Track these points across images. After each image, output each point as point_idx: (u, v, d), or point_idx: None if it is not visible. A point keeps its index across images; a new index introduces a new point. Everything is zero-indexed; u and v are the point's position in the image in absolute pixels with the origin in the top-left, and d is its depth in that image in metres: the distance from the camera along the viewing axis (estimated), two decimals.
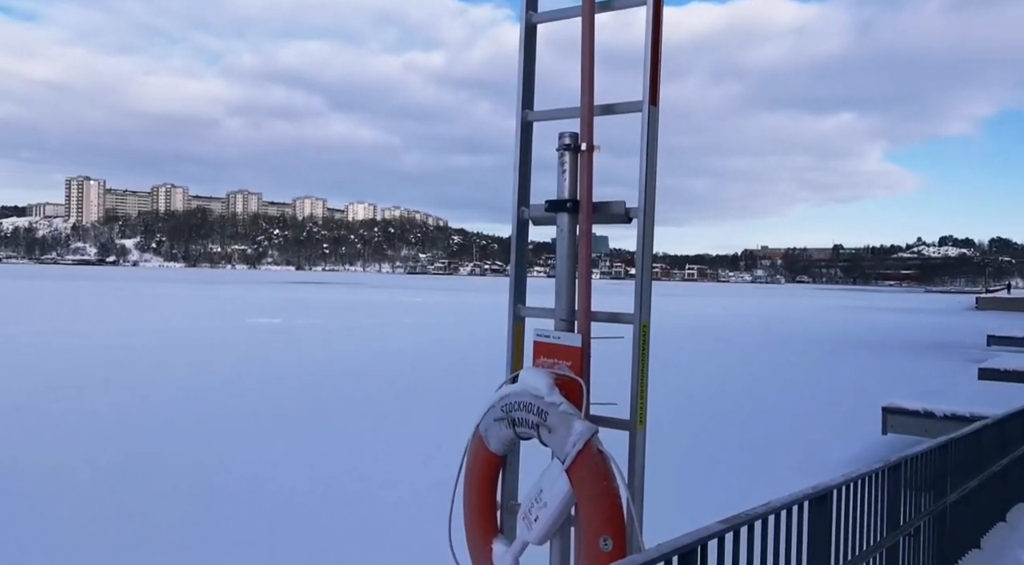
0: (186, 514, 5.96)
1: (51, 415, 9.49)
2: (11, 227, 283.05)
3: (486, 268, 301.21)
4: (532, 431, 2.50)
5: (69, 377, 12.67)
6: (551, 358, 2.63)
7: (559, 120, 2.85)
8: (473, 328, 26.93)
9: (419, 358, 17.12)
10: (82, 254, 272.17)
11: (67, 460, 7.42)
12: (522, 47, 2.90)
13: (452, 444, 7.25)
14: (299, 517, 5.90)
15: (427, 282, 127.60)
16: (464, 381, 13.24)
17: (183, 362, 15.17)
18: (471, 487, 2.72)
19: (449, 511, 2.79)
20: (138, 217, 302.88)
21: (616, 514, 2.27)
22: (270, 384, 12.53)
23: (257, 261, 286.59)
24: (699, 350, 20.87)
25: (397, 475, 7.20)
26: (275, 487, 6.71)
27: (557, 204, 2.67)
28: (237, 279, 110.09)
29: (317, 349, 18.44)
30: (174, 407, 10.31)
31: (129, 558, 5.08)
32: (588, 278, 2.64)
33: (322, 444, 8.39)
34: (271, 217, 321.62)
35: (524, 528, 2.50)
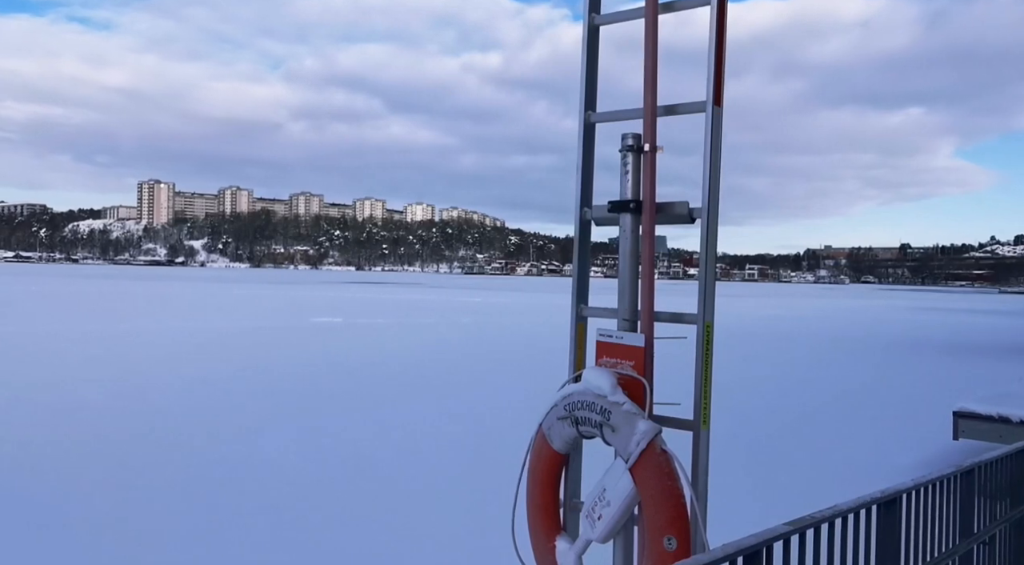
0: (265, 506, 6.14)
1: (131, 403, 9.90)
2: (87, 229, 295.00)
3: (543, 268, 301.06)
4: (595, 430, 2.52)
5: (140, 372, 13.16)
6: (614, 358, 2.65)
7: (621, 121, 2.86)
8: (531, 328, 26.98)
9: (478, 357, 17.25)
10: (153, 255, 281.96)
11: (136, 443, 7.73)
12: (584, 49, 2.92)
13: (513, 442, 7.30)
14: (339, 506, 6.02)
15: (484, 282, 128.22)
16: (523, 380, 13.29)
17: (252, 359, 15.60)
18: (534, 485, 2.75)
19: (512, 509, 2.84)
20: (205, 219, 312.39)
21: (680, 514, 2.27)
22: (334, 381, 12.79)
23: (319, 261, 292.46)
24: (761, 351, 20.51)
25: (458, 471, 7.28)
26: (325, 477, 6.86)
27: (620, 205, 2.68)
28: (300, 279, 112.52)
29: (378, 347, 18.74)
30: (243, 403, 10.62)
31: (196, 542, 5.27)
32: (651, 278, 2.65)
33: (381, 440, 8.54)
34: (332, 218, 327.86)
35: (587, 526, 2.52)
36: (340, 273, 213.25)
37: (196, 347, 17.69)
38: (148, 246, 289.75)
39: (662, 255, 2.81)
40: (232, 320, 27.17)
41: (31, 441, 8.08)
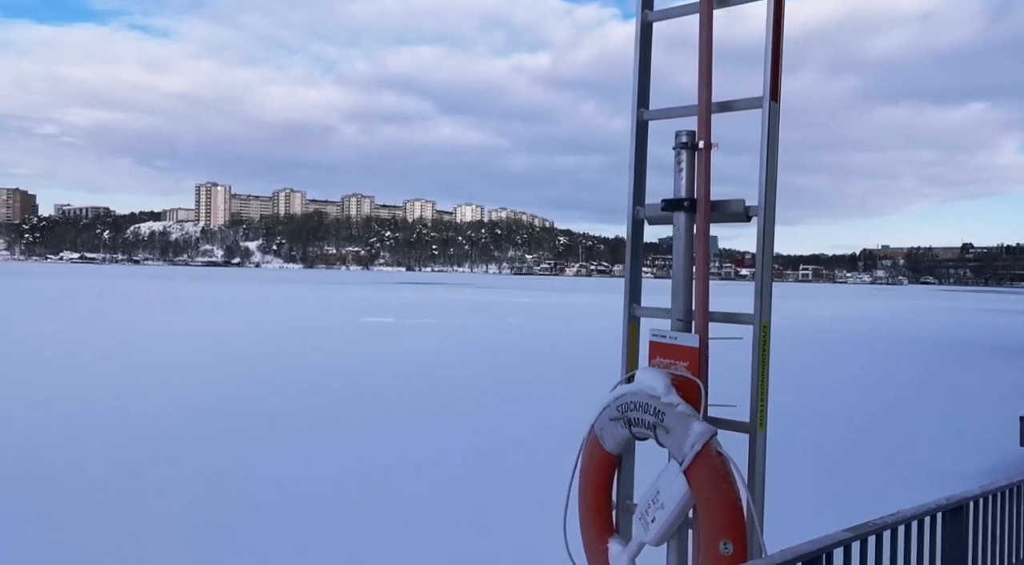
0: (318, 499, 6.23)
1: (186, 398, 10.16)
2: (148, 231, 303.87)
3: (592, 269, 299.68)
4: (648, 431, 2.48)
5: (204, 372, 13.47)
6: (667, 358, 2.61)
7: (673, 118, 2.83)
8: (581, 328, 26.87)
9: (526, 357, 17.24)
10: (210, 256, 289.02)
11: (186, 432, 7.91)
12: (637, 46, 2.89)
13: (563, 442, 7.25)
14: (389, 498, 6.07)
15: (533, 282, 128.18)
16: (573, 380, 13.24)
17: (307, 358, 15.86)
18: (586, 486, 2.73)
19: (564, 509, 2.82)
20: (260, 220, 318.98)
21: (736, 517, 2.23)
22: (384, 379, 12.92)
23: (370, 262, 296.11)
24: (818, 352, 20.05)
25: (507, 470, 7.28)
26: (383, 472, 6.92)
27: (674, 203, 2.65)
28: (351, 280, 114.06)
29: (428, 348, 18.87)
30: (294, 400, 10.79)
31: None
32: (706, 278, 2.60)
33: (431, 437, 8.59)
34: (383, 219, 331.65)
35: (641, 528, 2.49)
36: (391, 274, 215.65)
37: (254, 346, 18.06)
38: (205, 247, 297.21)
39: (713, 255, 2.75)
40: (288, 320, 27.68)
41: (88, 436, 8.34)
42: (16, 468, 6.88)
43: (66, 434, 8.37)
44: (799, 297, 74.76)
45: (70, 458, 7.35)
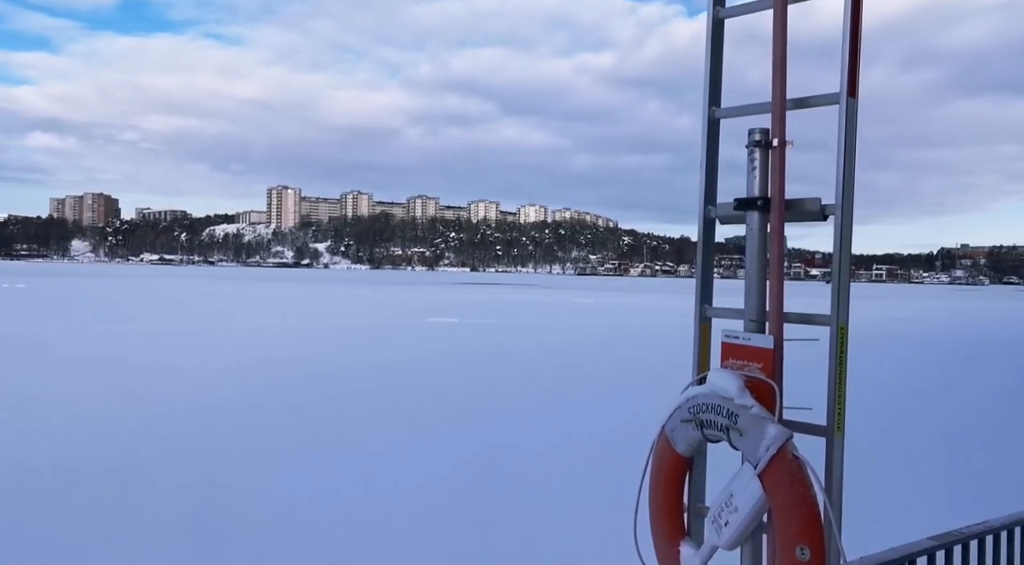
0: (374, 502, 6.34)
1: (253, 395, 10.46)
2: (222, 233, 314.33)
3: (657, 269, 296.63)
4: (721, 434, 2.45)
5: (276, 371, 13.85)
6: (740, 360, 2.57)
7: (745, 116, 2.78)
8: (647, 329, 26.61)
9: (592, 358, 17.18)
10: (281, 257, 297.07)
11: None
12: (709, 43, 2.85)
13: (631, 443, 7.18)
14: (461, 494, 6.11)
15: (597, 283, 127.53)
16: (640, 380, 13.14)
17: (376, 358, 16.15)
18: (656, 488, 2.71)
19: (634, 511, 2.80)
20: (328, 222, 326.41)
21: (814, 523, 2.18)
22: (449, 378, 13.05)
23: (435, 263, 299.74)
24: (897, 355, 19.40)
25: (575, 471, 7.27)
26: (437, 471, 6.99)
27: (747, 202, 2.60)
28: (416, 280, 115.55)
29: (492, 348, 18.97)
30: (358, 400, 11.00)
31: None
32: (781, 278, 2.55)
33: (494, 437, 8.64)
34: (447, 221, 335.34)
35: (713, 532, 2.46)
36: (455, 274, 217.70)
37: (322, 346, 18.48)
38: (276, 249, 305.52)
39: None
40: (355, 321, 28.23)
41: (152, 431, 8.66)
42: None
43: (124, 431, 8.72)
44: (873, 297, 72.45)
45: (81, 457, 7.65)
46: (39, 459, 7.20)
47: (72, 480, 6.61)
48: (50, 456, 7.31)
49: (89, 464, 7.13)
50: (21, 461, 7.21)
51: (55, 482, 6.55)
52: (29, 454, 7.37)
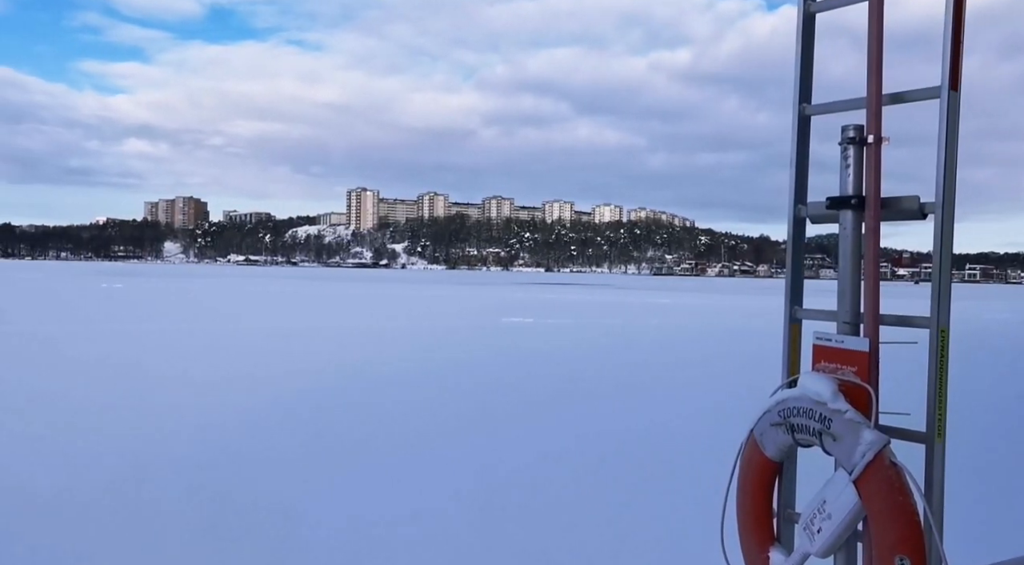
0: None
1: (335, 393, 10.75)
2: (304, 234, 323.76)
3: (735, 269, 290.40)
4: (813, 438, 2.40)
5: (328, 368, 14.18)
6: (833, 363, 2.51)
7: (837, 113, 2.72)
8: (726, 330, 26.11)
9: (670, 359, 16.96)
10: (360, 258, 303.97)
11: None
12: (799, 38, 2.80)
13: (717, 447, 7.11)
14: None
15: (674, 283, 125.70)
16: (722, 383, 12.90)
17: (451, 357, 16.36)
18: (745, 493, 2.67)
19: (721, 516, 2.77)
20: (406, 223, 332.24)
21: (914, 532, 2.11)
22: (524, 378, 13.10)
23: (509, 263, 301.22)
24: (999, 358, 18.46)
25: (660, 473, 7.20)
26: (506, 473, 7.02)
27: (840, 201, 2.54)
28: (491, 280, 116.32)
29: (570, 348, 18.95)
30: (437, 401, 11.15)
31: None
32: (876, 278, 2.48)
33: (573, 439, 8.63)
34: (522, 221, 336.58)
35: (805, 539, 2.41)
36: (530, 274, 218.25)
37: (403, 344, 18.82)
38: (356, 249, 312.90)
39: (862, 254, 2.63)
40: (432, 320, 28.65)
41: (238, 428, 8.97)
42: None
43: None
44: (969, 298, 69.14)
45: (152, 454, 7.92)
46: (149, 447, 7.57)
47: (164, 473, 6.93)
48: (155, 441, 7.68)
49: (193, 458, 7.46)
50: (138, 452, 7.59)
51: (147, 474, 6.87)
52: (140, 443, 7.76)
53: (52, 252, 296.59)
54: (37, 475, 6.63)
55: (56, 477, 6.58)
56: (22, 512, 5.67)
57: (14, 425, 8.58)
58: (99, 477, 6.59)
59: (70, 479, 6.53)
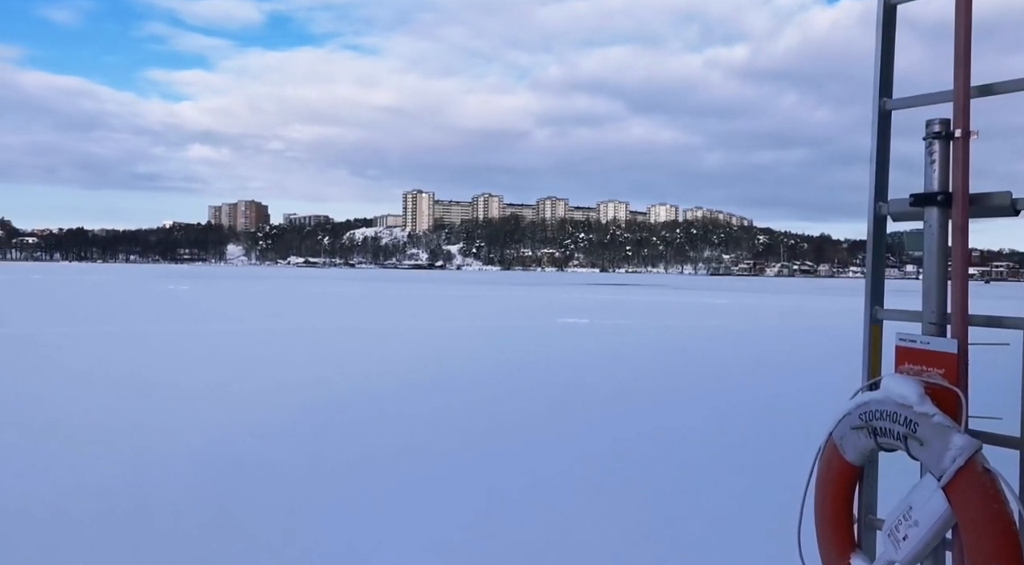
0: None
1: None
2: (362, 236, 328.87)
3: (795, 269, 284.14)
4: (898, 443, 2.33)
5: (414, 369, 14.34)
6: (918, 365, 2.44)
7: (919, 107, 2.63)
8: (791, 331, 25.58)
9: (732, 360, 16.68)
10: (416, 259, 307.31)
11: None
12: (879, 31, 2.72)
13: (791, 450, 6.92)
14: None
15: (731, 283, 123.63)
16: (792, 384, 12.64)
17: (507, 357, 16.40)
18: (824, 498, 2.61)
19: (798, 521, 2.71)
20: (460, 225, 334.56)
21: (1011, 542, 2.02)
22: (580, 379, 13.04)
23: (564, 263, 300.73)
24: None
25: (731, 476, 7.09)
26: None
27: (925, 198, 2.46)
28: (546, 281, 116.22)
29: (628, 348, 18.81)
30: (487, 402, 11.18)
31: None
32: (965, 278, 2.40)
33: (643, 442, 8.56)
34: (577, 221, 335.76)
35: (890, 546, 2.33)
36: (585, 275, 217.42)
37: (463, 345, 18.95)
38: (412, 251, 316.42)
39: (918, 254, 2.55)
40: (487, 320, 28.77)
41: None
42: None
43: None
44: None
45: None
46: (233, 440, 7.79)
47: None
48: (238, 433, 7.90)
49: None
50: (229, 446, 7.78)
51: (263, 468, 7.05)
52: (224, 436, 7.98)
53: (122, 255, 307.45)
54: (145, 450, 6.89)
55: (159, 457, 6.82)
56: (118, 501, 5.90)
57: (116, 412, 8.93)
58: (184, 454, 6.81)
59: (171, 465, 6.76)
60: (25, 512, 5.71)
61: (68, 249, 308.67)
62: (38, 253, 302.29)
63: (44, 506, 5.86)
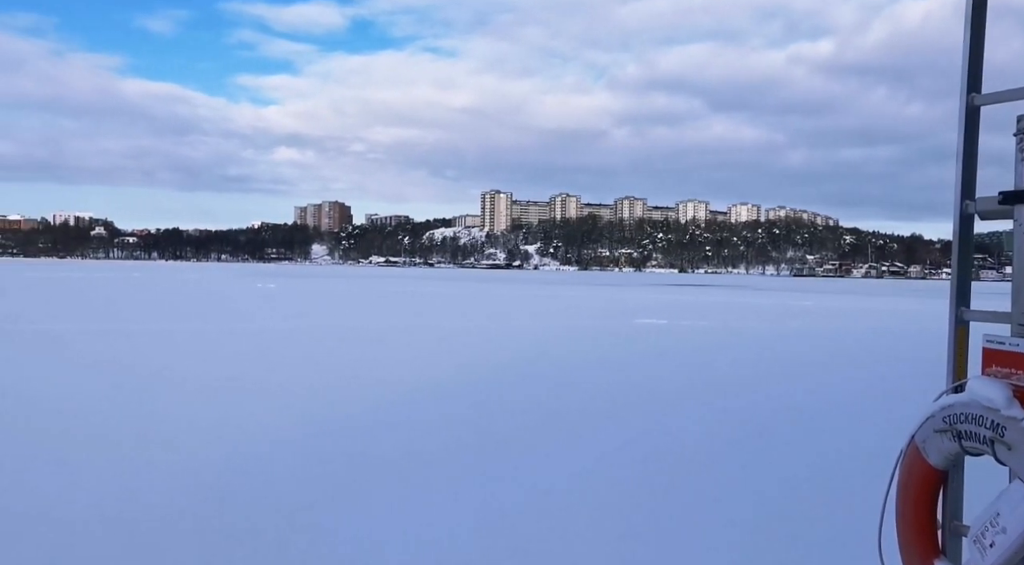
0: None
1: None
2: (440, 236, 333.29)
3: (883, 270, 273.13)
4: (984, 447, 2.27)
5: (459, 369, 14.49)
6: (1007, 367, 2.36)
7: (1012, 102, 2.55)
8: (874, 332, 24.68)
9: (814, 362, 16.23)
10: (493, 259, 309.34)
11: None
12: (968, 24, 2.65)
13: (872, 453, 6.74)
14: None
15: (816, 285, 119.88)
16: (874, 388, 12.24)
17: (592, 356, 16.39)
18: (906, 502, 2.55)
19: (878, 526, 2.66)
20: (538, 225, 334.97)
21: None
22: (657, 380, 12.93)
23: (642, 264, 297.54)
24: None
25: (808, 478, 6.94)
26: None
27: (1016, 195, 2.39)
28: (624, 281, 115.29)
29: (705, 349, 18.52)
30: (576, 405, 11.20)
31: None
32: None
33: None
34: (655, 221, 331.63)
35: (976, 553, 2.28)
36: (663, 275, 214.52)
37: (544, 343, 19.04)
38: (489, 251, 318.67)
39: (1007, 254, 2.46)
40: (565, 320, 28.78)
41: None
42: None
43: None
44: None
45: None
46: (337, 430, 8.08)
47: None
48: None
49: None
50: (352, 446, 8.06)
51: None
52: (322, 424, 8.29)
53: (214, 254, 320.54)
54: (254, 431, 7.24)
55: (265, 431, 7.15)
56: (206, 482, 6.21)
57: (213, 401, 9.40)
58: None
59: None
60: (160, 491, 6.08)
61: (164, 248, 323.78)
62: (137, 252, 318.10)
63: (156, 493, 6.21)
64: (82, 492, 6.13)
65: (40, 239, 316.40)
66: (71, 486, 6.28)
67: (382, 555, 5.01)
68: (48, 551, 4.94)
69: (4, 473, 6.66)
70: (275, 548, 5.08)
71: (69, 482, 6.39)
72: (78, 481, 6.42)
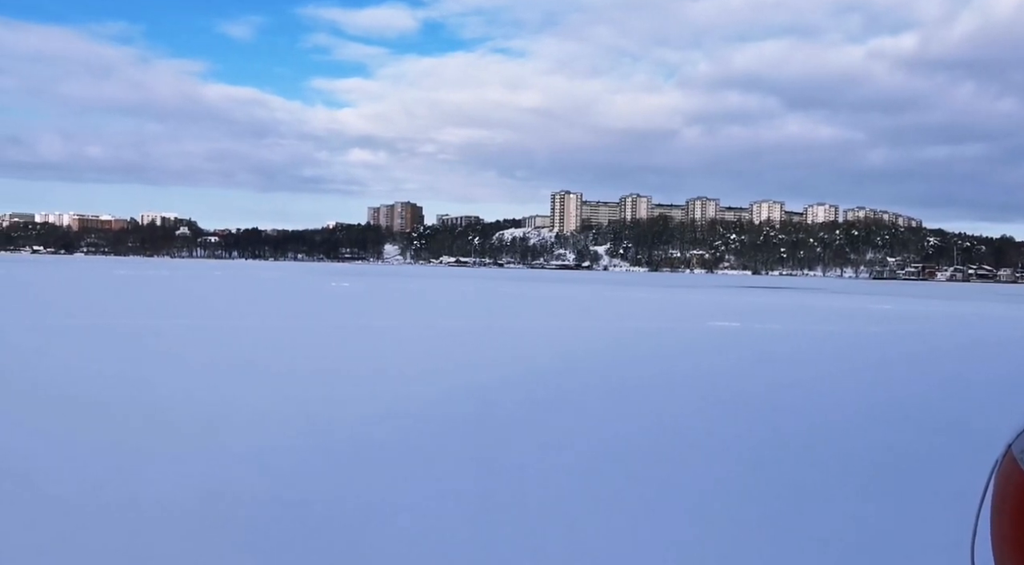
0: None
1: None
2: (510, 237, 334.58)
3: (970, 273, 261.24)
4: None
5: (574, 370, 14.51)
6: None
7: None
8: (960, 338, 23.65)
9: (896, 369, 15.69)
10: (563, 260, 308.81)
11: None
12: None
13: (962, 463, 6.57)
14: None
15: (896, 288, 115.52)
16: (961, 396, 11.77)
17: (664, 360, 16.25)
18: (1001, 515, 2.47)
19: (971, 540, 2.59)
20: (608, 226, 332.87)
21: None
22: (738, 384, 12.72)
23: (714, 265, 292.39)
24: None
25: (896, 486, 6.75)
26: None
27: None
28: (696, 283, 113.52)
29: (777, 354, 18.12)
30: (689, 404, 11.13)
31: None
32: None
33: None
34: (728, 222, 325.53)
35: None
36: (736, 277, 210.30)
37: (614, 346, 18.97)
38: (559, 251, 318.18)
39: None
40: (634, 321, 28.56)
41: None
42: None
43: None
44: None
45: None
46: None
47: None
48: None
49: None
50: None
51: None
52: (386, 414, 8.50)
53: (290, 254, 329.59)
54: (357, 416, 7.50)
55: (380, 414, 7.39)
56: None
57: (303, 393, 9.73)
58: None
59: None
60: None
61: (244, 247, 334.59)
62: (219, 251, 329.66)
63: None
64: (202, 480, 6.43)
65: (129, 238, 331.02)
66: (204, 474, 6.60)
67: None
68: (186, 536, 5.20)
69: (123, 454, 7.04)
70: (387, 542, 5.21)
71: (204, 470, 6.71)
72: (191, 472, 6.74)
